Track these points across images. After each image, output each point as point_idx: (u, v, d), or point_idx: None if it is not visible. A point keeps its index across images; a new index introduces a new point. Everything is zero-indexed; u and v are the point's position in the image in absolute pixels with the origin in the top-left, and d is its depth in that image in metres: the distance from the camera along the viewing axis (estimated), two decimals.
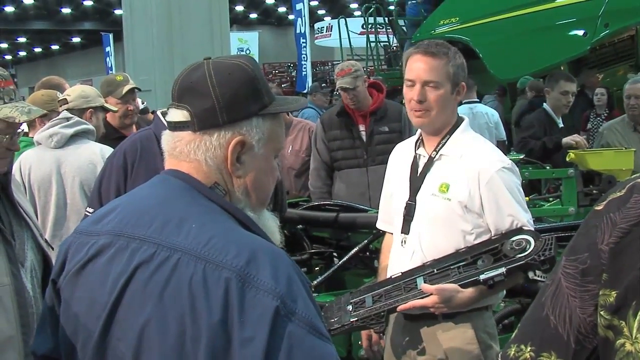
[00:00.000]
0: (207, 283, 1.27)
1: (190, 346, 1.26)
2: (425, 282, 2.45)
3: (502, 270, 2.38)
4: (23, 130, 2.36)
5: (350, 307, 2.55)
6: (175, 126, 1.48)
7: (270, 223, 1.56)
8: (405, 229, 2.64)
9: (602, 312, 1.17)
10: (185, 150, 1.46)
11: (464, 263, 2.48)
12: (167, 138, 1.51)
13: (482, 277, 2.40)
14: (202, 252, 1.30)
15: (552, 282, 1.27)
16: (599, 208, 1.22)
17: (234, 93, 1.44)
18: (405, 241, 2.64)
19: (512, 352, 1.29)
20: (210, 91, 1.43)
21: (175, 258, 1.31)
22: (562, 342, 1.22)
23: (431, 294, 2.39)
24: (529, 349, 1.27)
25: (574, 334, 1.21)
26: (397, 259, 2.68)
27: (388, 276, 2.65)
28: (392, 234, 2.86)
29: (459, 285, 2.41)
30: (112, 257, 1.39)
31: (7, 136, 2.11)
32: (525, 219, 2.53)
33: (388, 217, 2.88)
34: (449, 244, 2.55)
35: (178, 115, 1.47)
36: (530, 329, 1.29)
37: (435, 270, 2.49)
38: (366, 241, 3.83)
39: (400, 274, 2.56)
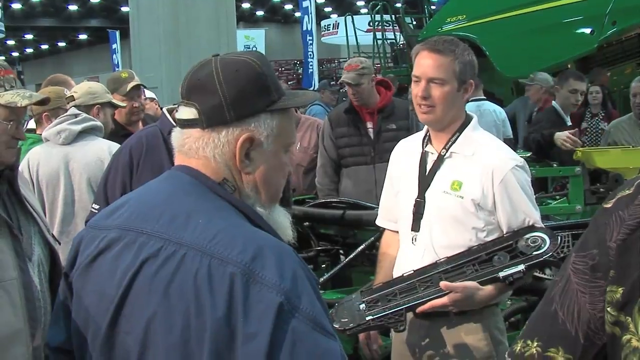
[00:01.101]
0: (212, 278, 1.27)
1: (195, 341, 1.27)
2: (441, 280, 2.43)
3: (522, 267, 2.38)
4: (28, 120, 2.37)
5: (363, 306, 2.51)
6: (184, 123, 1.49)
7: (282, 219, 1.56)
8: (415, 227, 2.63)
9: (608, 309, 1.18)
10: (194, 147, 1.47)
11: (479, 260, 2.48)
12: (177, 135, 1.52)
13: (501, 274, 2.40)
14: (207, 247, 1.30)
15: (561, 278, 1.28)
16: (608, 206, 1.23)
17: (241, 90, 1.44)
18: (415, 239, 2.64)
19: (518, 348, 1.30)
20: (217, 88, 1.44)
21: (181, 253, 1.32)
22: (570, 337, 1.23)
23: (450, 292, 2.38)
24: (535, 344, 1.27)
25: (584, 330, 1.22)
26: (406, 256, 2.67)
27: (399, 274, 2.64)
28: (394, 231, 2.85)
29: (477, 282, 2.42)
30: (120, 251, 1.40)
31: (12, 123, 2.12)
32: (537, 216, 2.55)
33: (390, 214, 2.87)
34: (461, 241, 2.55)
35: (187, 112, 1.47)
36: (537, 325, 1.30)
37: (449, 267, 2.48)
38: (372, 238, 3.82)
39: (413, 271, 2.54)
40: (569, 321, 1.23)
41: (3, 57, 2.44)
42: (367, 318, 2.46)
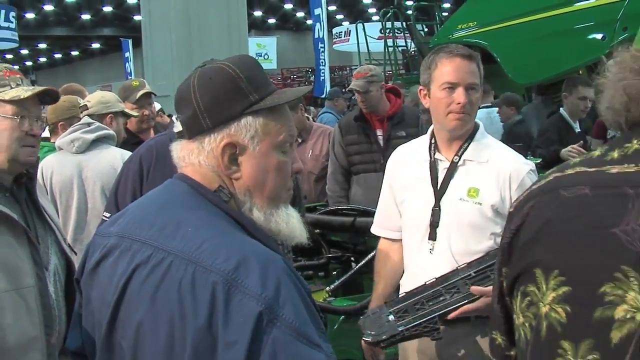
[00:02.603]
0: (195, 286, 1.28)
1: (179, 348, 1.28)
2: (466, 286, 2.42)
3: None
4: (43, 121, 2.39)
5: (392, 317, 2.47)
6: (178, 136, 1.54)
7: (290, 220, 1.53)
8: (432, 236, 2.63)
9: (507, 298, 1.37)
10: (181, 156, 1.51)
11: None
12: (173, 147, 1.56)
13: None
14: (193, 255, 1.31)
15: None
16: (511, 210, 1.37)
17: (214, 96, 1.45)
18: (433, 248, 2.63)
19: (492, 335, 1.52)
20: (192, 98, 1.47)
21: (169, 261, 1.33)
22: (500, 320, 1.44)
23: (481, 296, 2.36)
24: (493, 330, 1.49)
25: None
26: (423, 266, 2.64)
27: (416, 284, 2.56)
28: (390, 239, 2.86)
29: None
30: (117, 258, 1.43)
31: (21, 118, 2.14)
32: None
33: (390, 223, 2.86)
34: (480, 248, 2.55)
35: (178, 126, 1.52)
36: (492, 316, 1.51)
37: (472, 273, 2.46)
38: None
39: (434, 279, 2.51)
40: (498, 307, 1.44)
41: (17, 67, 2.47)
42: (399, 329, 2.41)
